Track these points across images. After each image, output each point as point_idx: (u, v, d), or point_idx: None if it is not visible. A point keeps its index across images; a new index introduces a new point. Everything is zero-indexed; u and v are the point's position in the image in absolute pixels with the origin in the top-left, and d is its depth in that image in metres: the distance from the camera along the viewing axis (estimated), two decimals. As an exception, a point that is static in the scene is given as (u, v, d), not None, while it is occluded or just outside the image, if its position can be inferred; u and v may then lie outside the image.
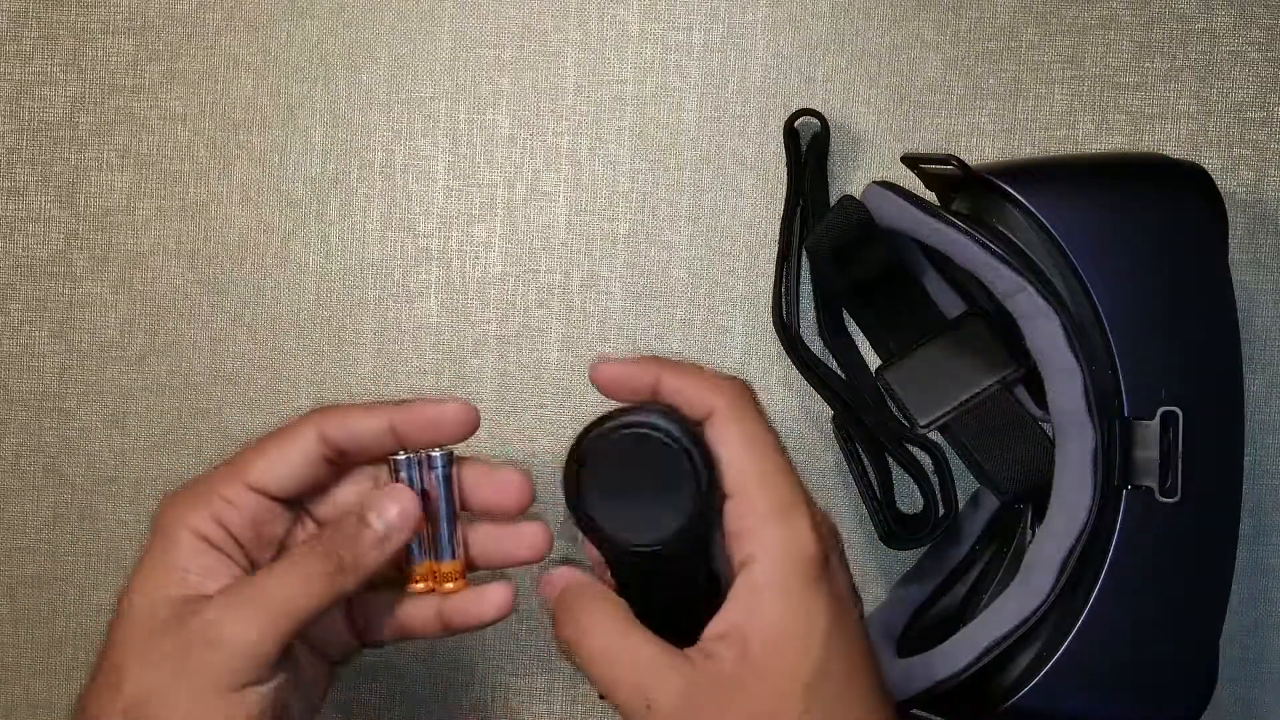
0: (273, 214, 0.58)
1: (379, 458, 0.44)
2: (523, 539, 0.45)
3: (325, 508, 0.45)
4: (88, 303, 0.58)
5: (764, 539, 0.39)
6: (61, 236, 0.58)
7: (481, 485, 0.45)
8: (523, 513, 0.45)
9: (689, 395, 0.41)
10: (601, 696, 0.40)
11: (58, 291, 0.58)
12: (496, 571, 0.46)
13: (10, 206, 0.58)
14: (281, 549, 0.44)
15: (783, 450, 0.41)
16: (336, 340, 0.58)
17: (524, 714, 0.58)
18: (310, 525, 0.45)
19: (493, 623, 0.45)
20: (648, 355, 0.43)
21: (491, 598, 0.45)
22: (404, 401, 0.44)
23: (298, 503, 0.45)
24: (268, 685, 0.40)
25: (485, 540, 0.45)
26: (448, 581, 0.45)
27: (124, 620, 0.41)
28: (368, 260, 0.58)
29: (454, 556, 0.45)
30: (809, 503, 0.40)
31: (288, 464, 0.43)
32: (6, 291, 0.59)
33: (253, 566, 0.43)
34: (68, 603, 0.59)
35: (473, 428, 0.44)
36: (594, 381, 0.43)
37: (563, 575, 0.43)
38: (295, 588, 0.41)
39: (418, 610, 0.45)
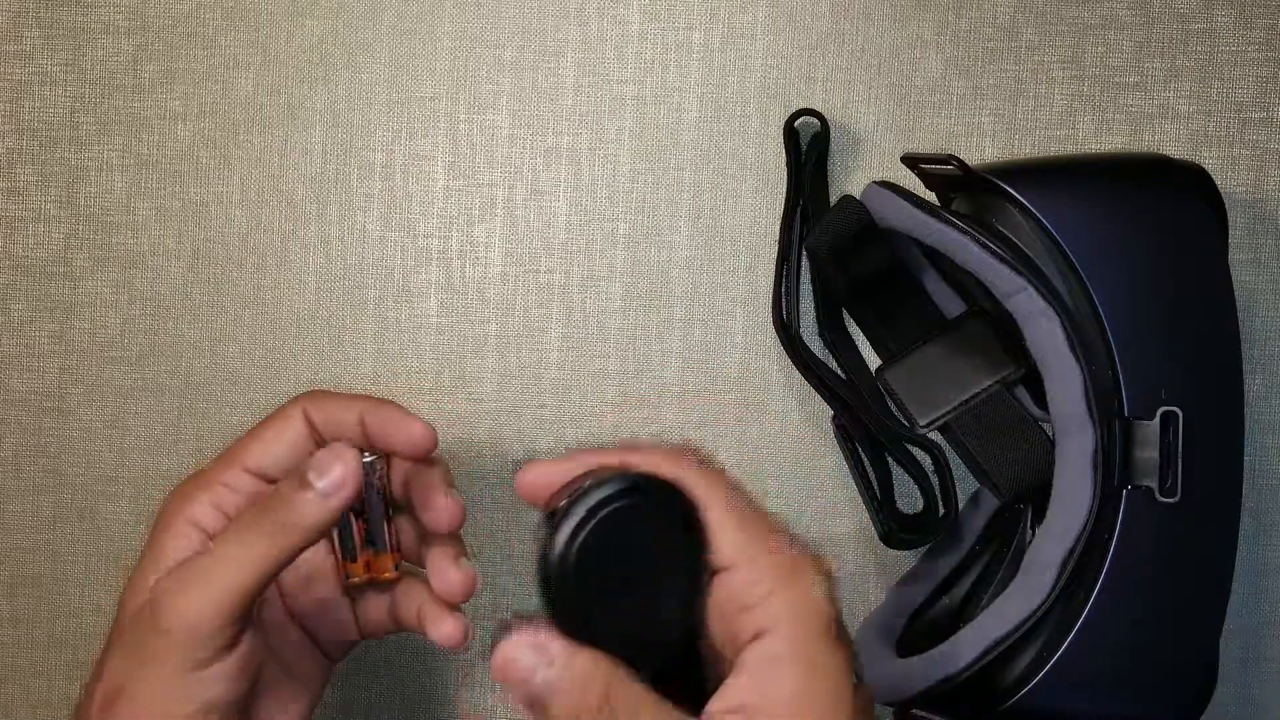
0: (273, 214, 0.58)
1: (360, 447, 0.44)
2: (439, 515, 0.45)
3: None
4: (88, 303, 0.58)
5: (776, 609, 0.36)
6: (61, 236, 0.58)
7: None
8: (426, 456, 0.45)
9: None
10: None
11: (58, 291, 0.58)
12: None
13: (10, 206, 0.58)
14: None
15: (758, 507, 0.38)
16: (336, 340, 0.58)
17: (523, 715, 0.58)
18: None
19: (443, 648, 0.45)
20: (576, 450, 0.39)
21: (442, 629, 0.45)
22: (383, 401, 0.45)
23: None
24: (229, 661, 0.40)
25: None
26: (384, 572, 0.46)
27: (118, 612, 0.42)
28: (368, 260, 0.58)
29: (388, 549, 0.46)
30: (809, 555, 0.37)
31: (281, 444, 0.44)
32: (6, 291, 0.58)
33: None
34: (68, 603, 0.59)
35: (425, 451, 0.44)
36: (519, 490, 0.39)
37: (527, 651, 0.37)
38: (236, 561, 0.41)
39: (409, 603, 0.46)
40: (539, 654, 0.35)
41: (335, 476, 0.41)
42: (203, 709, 0.40)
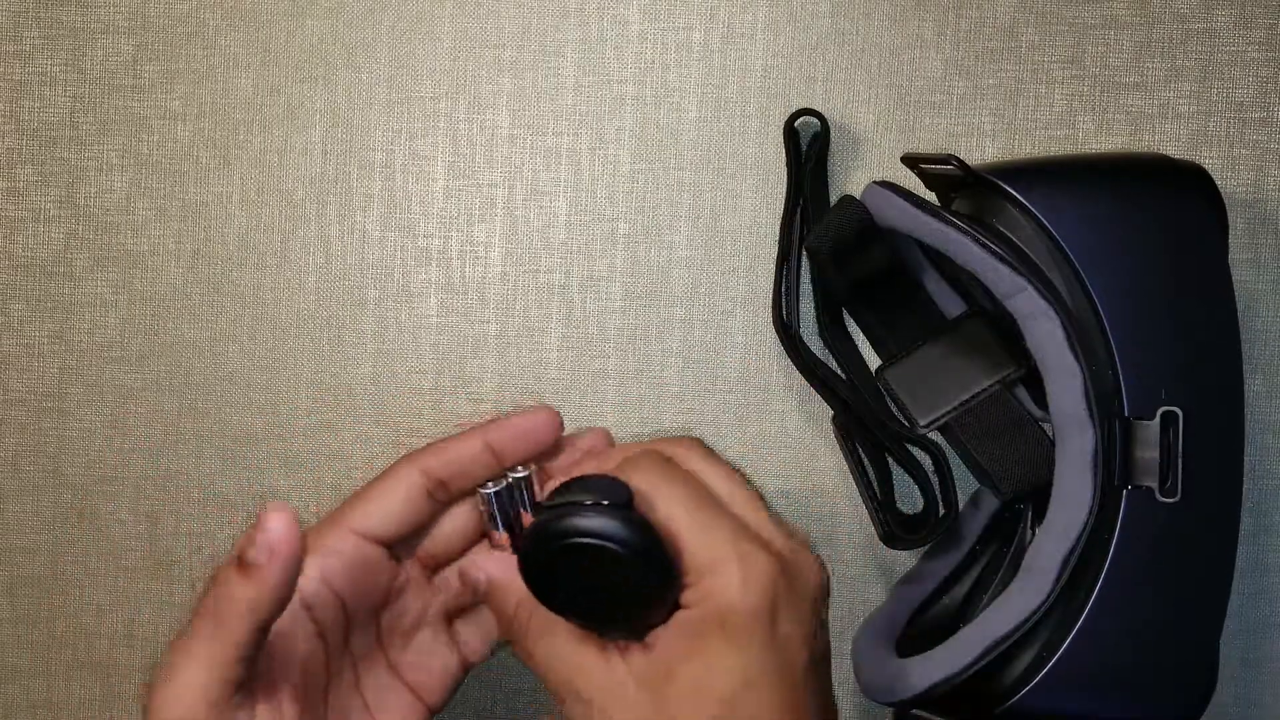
0: (273, 214, 0.58)
1: (479, 481, 0.45)
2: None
3: (430, 545, 0.46)
4: (88, 302, 0.58)
5: (692, 593, 0.40)
6: (61, 236, 0.58)
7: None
8: (561, 433, 0.46)
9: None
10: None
11: (58, 291, 0.58)
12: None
13: (10, 206, 0.58)
14: (387, 598, 0.45)
15: (710, 501, 0.42)
16: (336, 340, 0.58)
17: (523, 715, 0.58)
18: (414, 570, 0.45)
19: None
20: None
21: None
22: (492, 420, 0.45)
23: (401, 553, 0.45)
24: None
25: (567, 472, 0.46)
26: None
27: None
28: (368, 260, 0.58)
29: None
30: (749, 553, 0.40)
31: (392, 503, 0.43)
32: (6, 291, 0.58)
33: (347, 620, 0.43)
34: (68, 603, 0.59)
35: (560, 431, 0.45)
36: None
37: (494, 568, 0.44)
38: (193, 656, 0.38)
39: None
40: (483, 567, 0.45)
41: (260, 543, 0.37)
42: None
